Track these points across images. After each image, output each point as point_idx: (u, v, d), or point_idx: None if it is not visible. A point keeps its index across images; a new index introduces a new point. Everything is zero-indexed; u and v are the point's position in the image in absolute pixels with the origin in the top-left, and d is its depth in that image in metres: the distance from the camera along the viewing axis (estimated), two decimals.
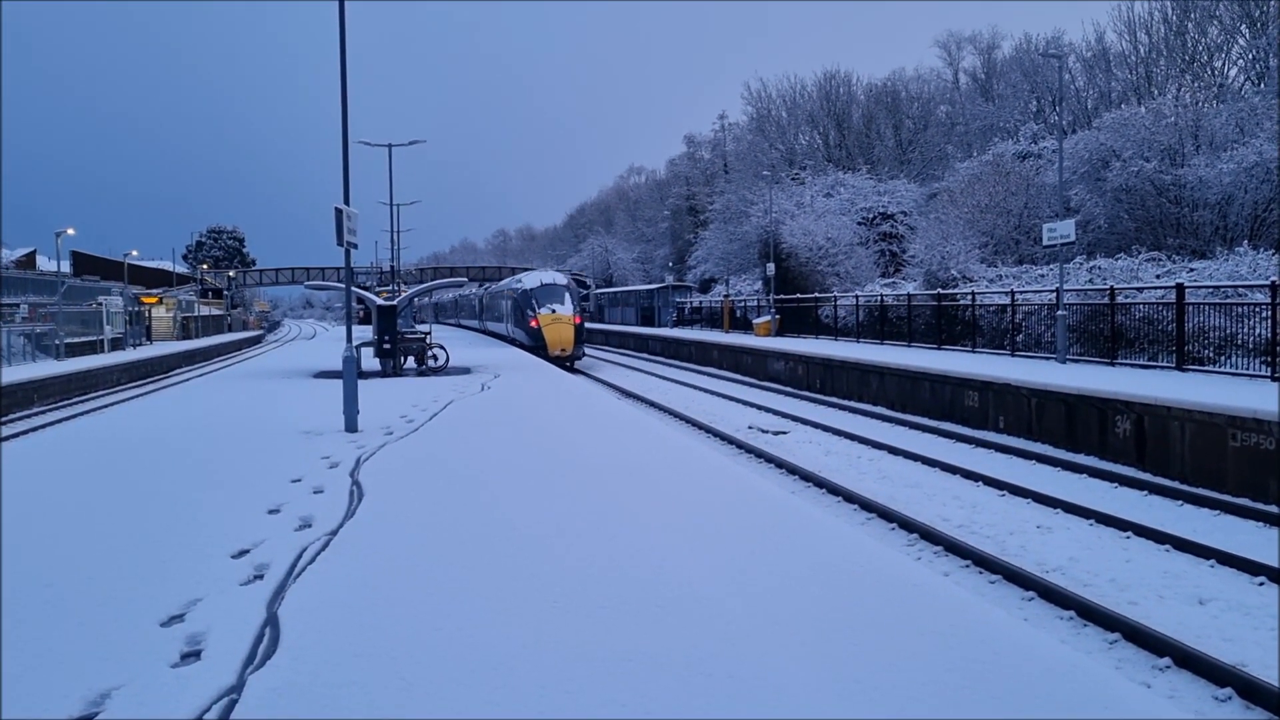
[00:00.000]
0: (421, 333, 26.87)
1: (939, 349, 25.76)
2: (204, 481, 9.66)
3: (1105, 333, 19.82)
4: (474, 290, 71.27)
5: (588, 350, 44.52)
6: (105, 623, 5.42)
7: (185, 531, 7.49)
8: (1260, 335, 15.94)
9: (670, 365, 39.16)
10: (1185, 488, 12.43)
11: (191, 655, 4.95)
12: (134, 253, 64.28)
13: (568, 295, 36.77)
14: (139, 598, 5.84)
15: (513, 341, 40.45)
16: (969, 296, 25.60)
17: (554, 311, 35.64)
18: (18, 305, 36.53)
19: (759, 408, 22.79)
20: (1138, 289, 19.83)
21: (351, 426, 13.49)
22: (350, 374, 13.88)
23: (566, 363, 34.81)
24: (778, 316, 37.62)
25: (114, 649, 5.02)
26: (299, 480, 9.66)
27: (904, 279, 36.32)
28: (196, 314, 62.13)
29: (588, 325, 43.18)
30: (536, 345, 35.35)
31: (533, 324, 35.84)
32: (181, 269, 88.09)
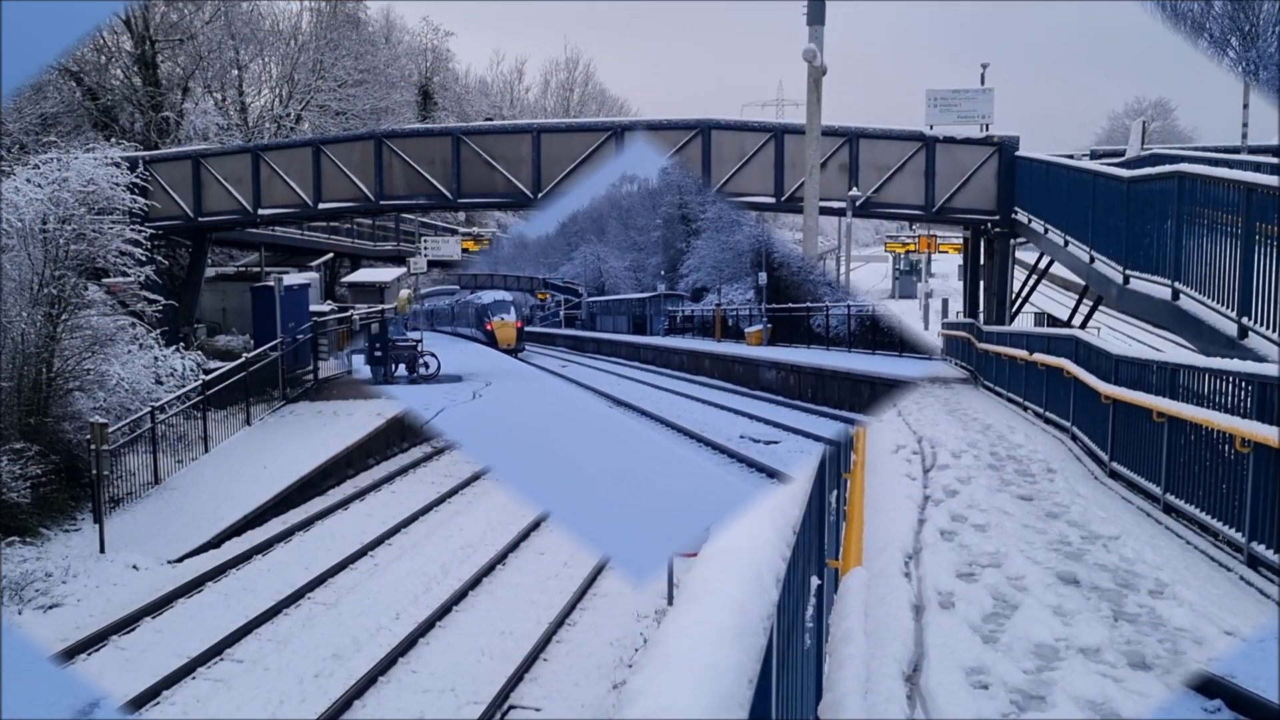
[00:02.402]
0: (413, 340, 26.58)
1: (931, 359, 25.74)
2: None
3: None
4: (449, 301, 78.32)
5: (572, 357, 56.33)
6: None
7: None
8: None
9: (661, 374, 39.06)
10: None
11: None
12: None
13: (512, 308, 51.11)
14: None
15: (474, 340, 53.58)
16: None
17: (502, 319, 49.47)
18: None
19: (750, 416, 22.69)
20: None
21: None
22: None
23: (512, 354, 46.65)
24: (769, 325, 37.59)
25: None
26: None
27: None
28: None
29: (579, 333, 58.62)
30: (490, 342, 47.95)
31: (488, 327, 49.61)
32: None
